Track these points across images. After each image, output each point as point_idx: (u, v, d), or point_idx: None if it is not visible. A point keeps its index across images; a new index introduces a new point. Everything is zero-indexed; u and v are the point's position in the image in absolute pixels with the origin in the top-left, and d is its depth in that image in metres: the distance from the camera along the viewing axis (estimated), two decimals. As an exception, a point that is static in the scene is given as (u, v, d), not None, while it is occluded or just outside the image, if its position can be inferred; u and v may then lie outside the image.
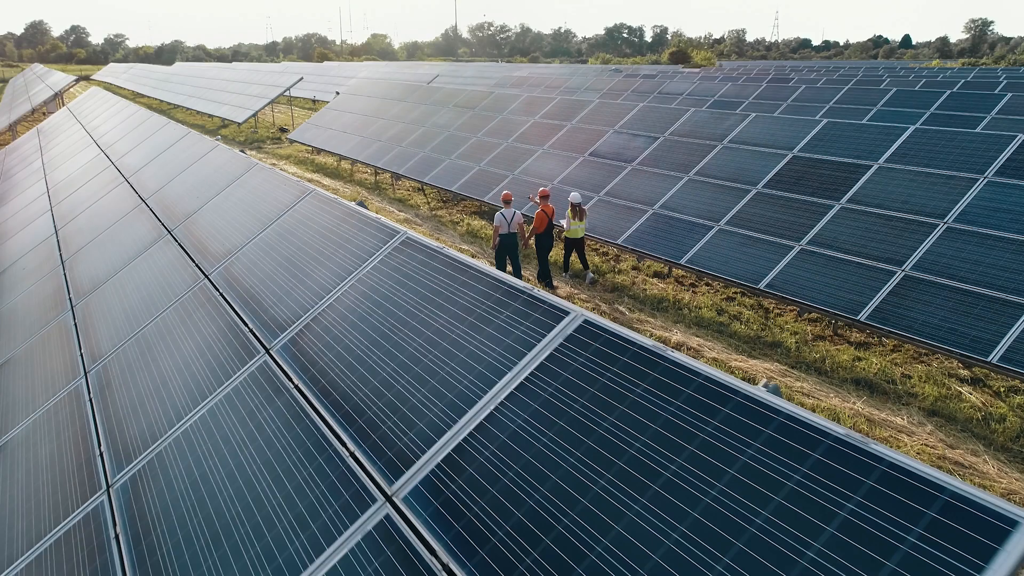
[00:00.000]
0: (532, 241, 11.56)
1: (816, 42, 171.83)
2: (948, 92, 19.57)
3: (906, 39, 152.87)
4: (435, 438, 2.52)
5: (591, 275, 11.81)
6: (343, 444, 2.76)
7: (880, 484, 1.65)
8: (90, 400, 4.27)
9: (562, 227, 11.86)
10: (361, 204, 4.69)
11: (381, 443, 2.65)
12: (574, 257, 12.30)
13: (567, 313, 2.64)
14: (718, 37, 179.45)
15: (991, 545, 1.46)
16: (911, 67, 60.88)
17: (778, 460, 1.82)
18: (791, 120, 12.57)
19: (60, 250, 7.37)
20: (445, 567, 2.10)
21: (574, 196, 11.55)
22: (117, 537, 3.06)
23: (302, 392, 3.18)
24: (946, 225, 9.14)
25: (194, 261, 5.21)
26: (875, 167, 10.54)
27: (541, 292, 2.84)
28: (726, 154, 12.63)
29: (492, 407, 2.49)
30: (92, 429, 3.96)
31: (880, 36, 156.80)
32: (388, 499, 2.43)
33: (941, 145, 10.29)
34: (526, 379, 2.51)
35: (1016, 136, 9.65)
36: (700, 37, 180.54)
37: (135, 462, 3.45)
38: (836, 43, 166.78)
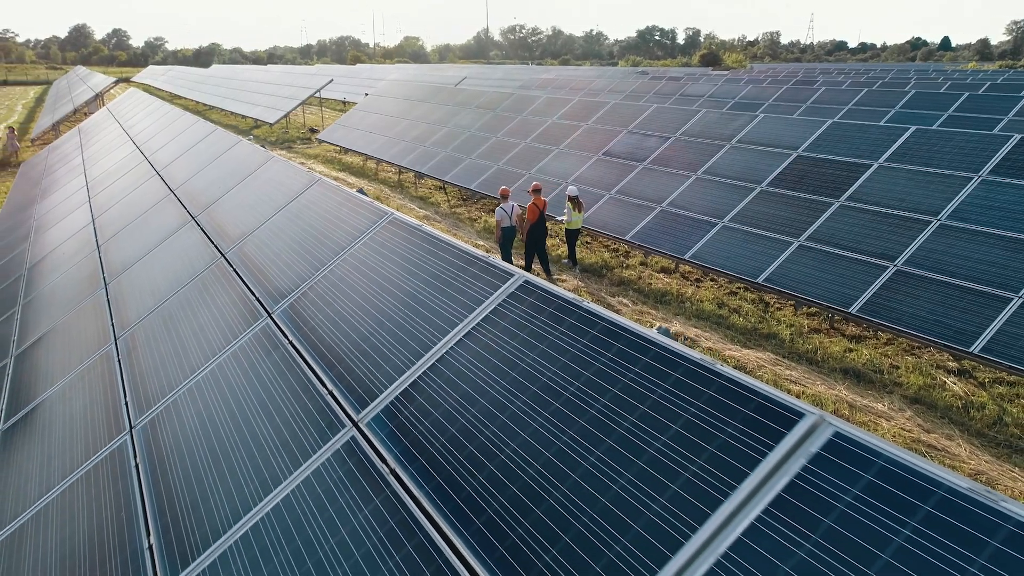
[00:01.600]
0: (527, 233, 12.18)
1: (852, 44, 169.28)
2: (967, 94, 19.61)
3: (945, 41, 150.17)
4: (397, 377, 3.01)
5: (570, 263, 12.81)
6: (324, 385, 3.26)
7: (716, 393, 2.09)
8: (119, 361, 4.83)
9: (560, 220, 12.59)
10: (360, 191, 5.20)
11: (354, 383, 3.15)
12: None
13: (512, 275, 3.11)
14: (752, 39, 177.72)
15: (782, 431, 1.90)
16: (945, 69, 60.12)
17: (649, 380, 2.27)
18: (798, 121, 12.86)
19: (96, 236, 8.01)
20: (392, 471, 2.58)
21: (571, 189, 12.29)
22: (137, 466, 3.59)
23: (295, 347, 3.69)
24: (939, 222, 9.41)
25: (213, 243, 5.76)
26: (875, 166, 10.82)
27: (495, 259, 3.31)
28: (733, 154, 12.97)
29: (444, 351, 2.97)
30: (119, 384, 4.51)
31: (919, 38, 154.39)
32: (355, 424, 2.92)
33: (940, 145, 10.54)
34: (473, 328, 2.98)
35: (1012, 136, 9.87)
36: (733, 40, 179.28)
37: (154, 408, 3.99)
38: (873, 45, 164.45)
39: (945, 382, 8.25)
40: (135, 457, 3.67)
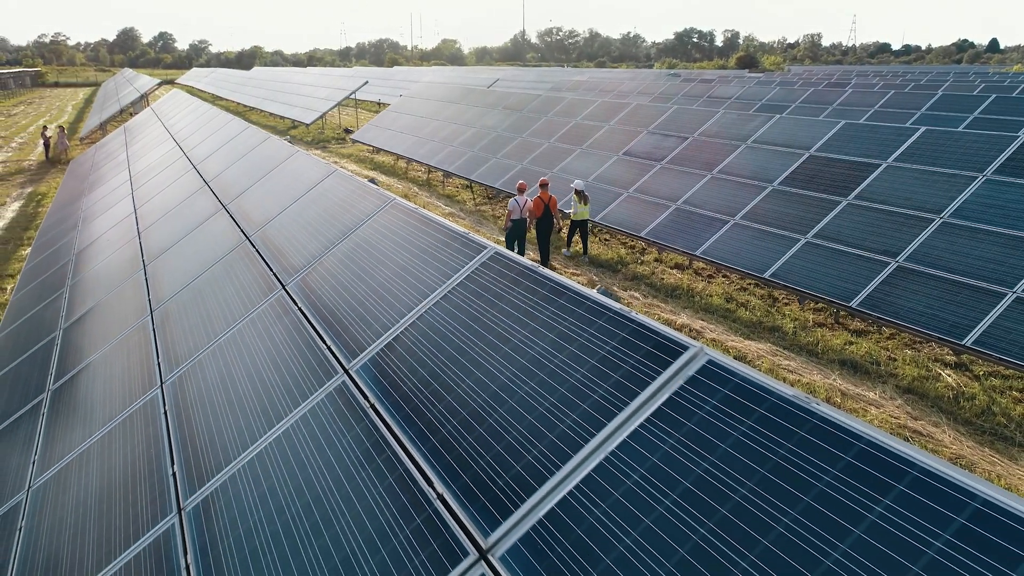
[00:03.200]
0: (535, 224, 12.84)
1: (897, 46, 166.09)
2: (994, 96, 19.54)
3: (993, 43, 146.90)
4: (383, 332, 3.50)
5: (585, 258, 13.49)
6: (324, 341, 3.77)
7: (627, 334, 2.54)
8: (153, 331, 5.41)
9: (564, 212, 13.25)
10: (372, 181, 5.71)
11: (349, 339, 3.64)
12: (576, 237, 13.77)
13: (485, 247, 3.58)
14: (792, 41, 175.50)
15: (669, 360, 2.33)
16: (987, 72, 59.03)
17: (579, 326, 2.72)
18: (813, 121, 13.11)
19: (138, 224, 8.68)
20: (372, 406, 3.07)
21: (577, 183, 12.93)
22: (166, 413, 4.14)
23: (303, 312, 4.21)
24: (942, 220, 9.63)
25: (240, 228, 6.34)
26: (884, 166, 11.05)
27: (474, 235, 3.78)
28: (748, 153, 13.27)
29: (423, 311, 3.45)
30: (154, 348, 5.09)
31: (965, 40, 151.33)
32: (346, 372, 3.41)
33: (947, 145, 10.74)
34: (449, 291, 3.45)
35: (1017, 136, 10.04)
36: (773, 42, 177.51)
37: (182, 366, 4.54)
38: (918, 47, 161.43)
39: (940, 374, 8.50)
40: (164, 406, 4.22)
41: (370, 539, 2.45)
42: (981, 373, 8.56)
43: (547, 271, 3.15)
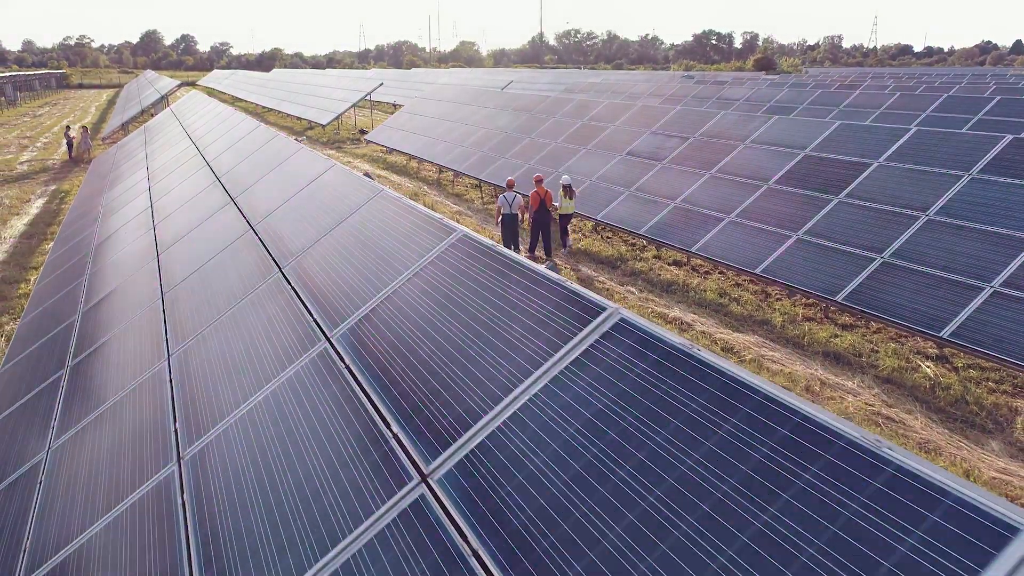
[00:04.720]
0: (528, 219, 13.38)
1: (918, 48, 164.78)
2: (999, 98, 19.67)
3: (1017, 44, 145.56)
4: (362, 305, 3.91)
5: (568, 244, 14.14)
6: (311, 315, 4.18)
7: (559, 299, 2.93)
8: (163, 311, 5.87)
9: (556, 207, 13.74)
10: (368, 175, 6.13)
11: (332, 312, 4.06)
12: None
13: (455, 231, 3.98)
14: (812, 43, 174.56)
15: (589, 319, 2.72)
16: (1005, 74, 58.60)
17: (523, 294, 3.11)
18: (809, 122, 13.40)
19: (153, 217, 9.17)
20: (347, 367, 3.48)
21: (565, 179, 13.52)
22: (171, 381, 4.57)
23: (295, 291, 4.63)
24: (927, 217, 9.91)
25: (246, 218, 6.78)
26: (875, 165, 11.33)
27: (448, 220, 4.18)
28: (746, 153, 13.57)
29: (398, 286, 3.86)
30: (163, 327, 5.54)
31: (989, 42, 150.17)
32: (328, 339, 3.83)
33: (939, 145, 10.99)
34: (421, 269, 3.86)
35: (1004, 136, 10.29)
36: (793, 43, 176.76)
37: (187, 341, 4.98)
38: (940, 49, 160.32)
39: (919, 365, 8.78)
40: (169, 375, 4.66)
41: (335, 472, 2.86)
42: (960, 365, 8.83)
43: (504, 250, 3.55)
